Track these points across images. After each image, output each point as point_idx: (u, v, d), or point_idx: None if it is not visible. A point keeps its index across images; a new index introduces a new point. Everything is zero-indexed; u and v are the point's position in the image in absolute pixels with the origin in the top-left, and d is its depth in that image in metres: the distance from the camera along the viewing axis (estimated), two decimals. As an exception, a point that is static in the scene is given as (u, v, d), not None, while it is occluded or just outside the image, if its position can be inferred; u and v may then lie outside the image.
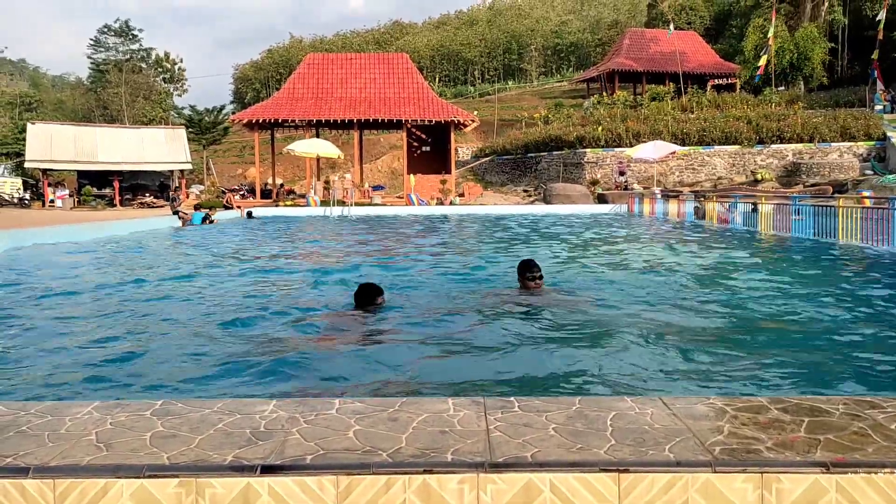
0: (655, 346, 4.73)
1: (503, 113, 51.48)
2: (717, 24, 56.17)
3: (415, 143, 36.51)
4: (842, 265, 10.12)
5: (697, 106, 36.91)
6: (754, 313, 6.03)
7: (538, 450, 1.73)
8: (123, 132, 40.42)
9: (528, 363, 4.36)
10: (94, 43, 70.78)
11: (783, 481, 1.62)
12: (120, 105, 61.78)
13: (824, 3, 42.52)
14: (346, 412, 2.05)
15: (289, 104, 33.13)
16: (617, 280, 8.37)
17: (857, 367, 4.19)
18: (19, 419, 2.02)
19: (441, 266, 10.15)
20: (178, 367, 4.34)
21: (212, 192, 38.70)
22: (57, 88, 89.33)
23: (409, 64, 35.94)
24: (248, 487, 1.65)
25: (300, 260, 11.79)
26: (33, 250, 12.91)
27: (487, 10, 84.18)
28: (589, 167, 33.23)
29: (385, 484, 1.65)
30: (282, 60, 77.75)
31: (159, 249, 13.85)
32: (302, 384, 3.94)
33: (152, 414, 2.05)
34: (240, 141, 54.81)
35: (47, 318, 6.17)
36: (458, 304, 6.61)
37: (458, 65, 75.49)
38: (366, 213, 26.86)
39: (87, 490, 1.65)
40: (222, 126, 49.16)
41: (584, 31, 74.92)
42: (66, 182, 40.11)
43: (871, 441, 1.76)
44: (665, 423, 1.92)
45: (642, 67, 45.12)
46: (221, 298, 7.25)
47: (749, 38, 41.63)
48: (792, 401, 2.09)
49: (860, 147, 31.28)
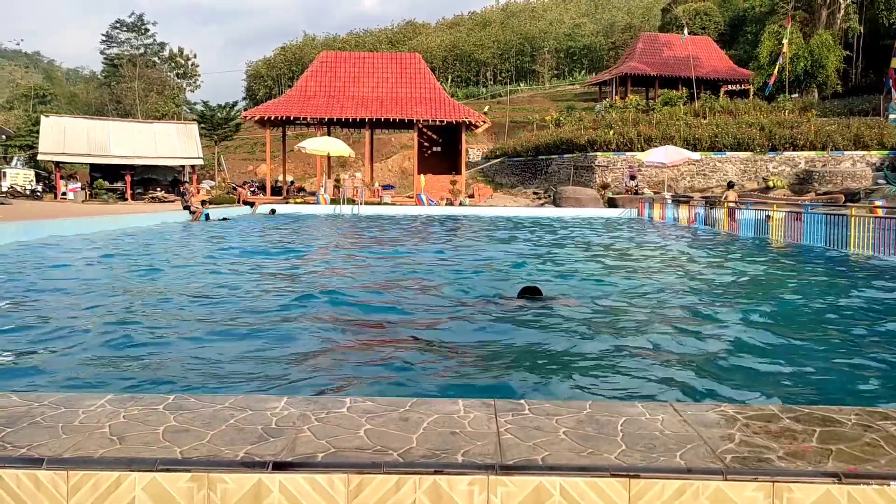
0: (665, 352, 4.72)
1: (514, 115, 51.43)
2: (732, 30, 55.90)
3: (426, 143, 36.52)
4: (852, 275, 10.05)
5: (710, 111, 36.75)
6: (764, 321, 6.01)
7: (549, 453, 1.73)
8: (136, 126, 40.61)
9: (537, 364, 4.36)
10: (107, 38, 71.20)
11: (794, 491, 1.62)
12: (133, 99, 62.12)
13: (840, 10, 42.26)
14: (356, 411, 2.05)
15: (301, 102, 33.21)
16: (626, 284, 8.34)
17: (869, 377, 4.17)
18: (33, 410, 2.04)
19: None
20: (191, 362, 4.36)
21: (222, 188, 38.84)
22: (71, 82, 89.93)
23: (422, 64, 35.95)
24: (259, 483, 1.66)
25: (316, 258, 11.81)
26: (46, 242, 12.99)
27: (501, 11, 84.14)
28: (599, 171, 33.16)
29: (395, 484, 1.65)
30: (294, 58, 77.96)
31: (171, 244, 13.91)
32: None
33: (165, 408, 2.07)
34: (251, 137, 54.98)
35: (59, 311, 6.21)
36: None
37: (470, 66, 75.46)
38: (377, 213, 26.90)
39: (101, 482, 1.66)
40: (234, 122, 49.31)
41: (597, 34, 74.78)
42: (79, 175, 40.33)
43: (884, 452, 1.75)
44: (676, 429, 1.91)
45: (655, 72, 44.99)
46: (233, 293, 7.27)
47: (763, 45, 41.42)
48: (804, 410, 2.09)
49: (873, 156, 31.08)
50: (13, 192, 34.43)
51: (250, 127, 48.49)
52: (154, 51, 72.03)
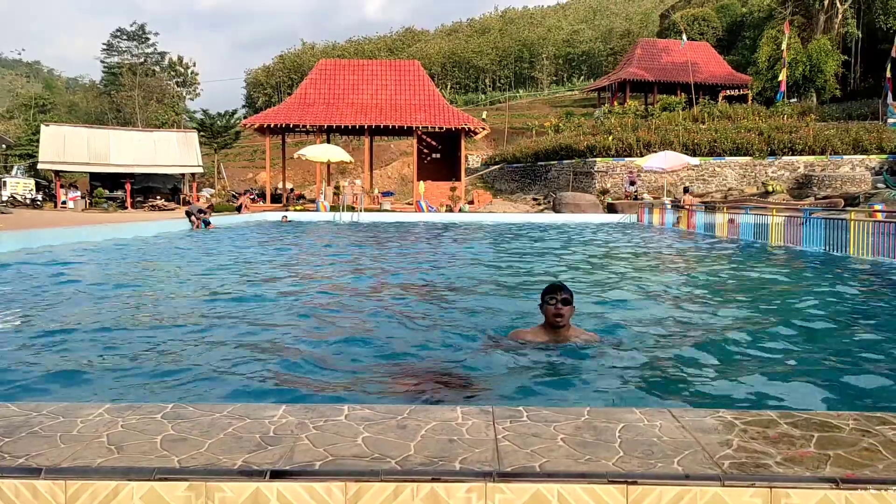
0: (663, 357, 4.71)
1: (514, 121, 51.55)
2: (730, 35, 56.07)
3: (425, 149, 36.58)
4: (852, 279, 10.05)
5: (709, 117, 36.83)
6: (762, 326, 6.00)
7: (546, 460, 1.73)
8: (136, 135, 40.71)
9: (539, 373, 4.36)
10: (107, 47, 71.42)
11: (792, 496, 1.62)
12: (133, 108, 62.25)
13: (838, 15, 42.39)
14: (354, 419, 2.06)
15: (300, 109, 33.28)
16: (625, 289, 8.34)
17: (866, 382, 4.16)
18: (31, 420, 2.04)
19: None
20: (190, 371, 4.36)
21: (222, 196, 38.88)
22: (71, 90, 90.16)
23: (421, 71, 36.04)
24: (257, 492, 1.66)
25: (321, 265, 11.82)
26: (48, 251, 13.00)
27: (499, 18, 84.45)
28: (599, 176, 33.19)
29: (393, 491, 1.65)
30: (293, 66, 78.24)
31: (173, 251, 13.91)
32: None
33: (163, 417, 2.07)
34: (251, 145, 55.10)
35: (59, 319, 6.21)
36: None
37: (469, 72, 75.68)
38: (382, 220, 26.90)
39: (98, 492, 1.67)
40: (234, 130, 49.45)
41: (595, 40, 75.03)
42: (79, 184, 40.40)
43: (882, 457, 1.75)
44: (674, 435, 1.91)
45: (654, 77, 45.09)
46: (236, 301, 7.28)
47: (762, 50, 41.57)
48: (801, 415, 2.09)
49: (872, 160, 31.13)
50: (13, 201, 34.47)
51: (250, 135, 48.63)
52: (154, 60, 72.27)
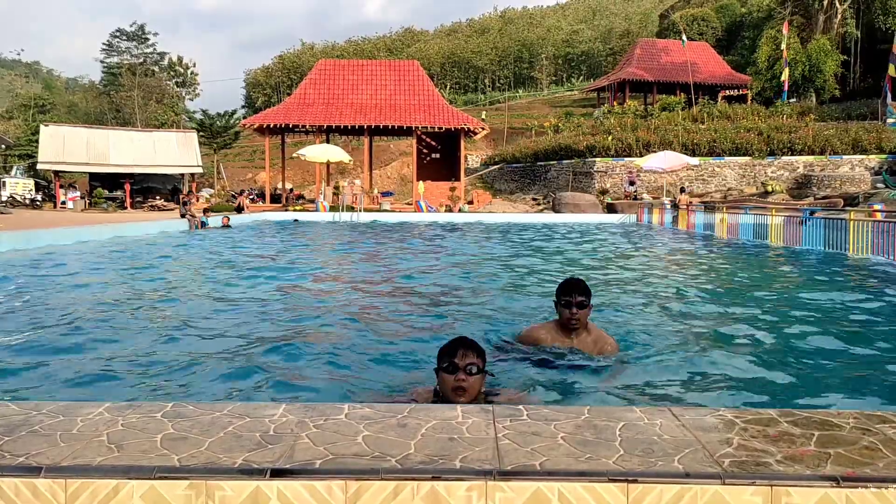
0: (664, 356, 4.71)
1: (513, 121, 51.56)
2: (729, 36, 56.12)
3: (424, 149, 36.58)
4: (851, 278, 10.05)
5: (708, 117, 36.85)
6: (760, 324, 6.00)
7: (547, 458, 1.73)
8: (135, 135, 40.71)
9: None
10: (107, 47, 71.42)
11: (793, 495, 1.62)
12: (132, 108, 62.25)
13: (837, 15, 42.41)
14: (354, 417, 2.05)
15: (299, 109, 33.28)
16: (624, 289, 8.35)
17: (866, 380, 4.16)
18: (31, 419, 2.04)
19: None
20: (190, 370, 4.36)
21: (222, 196, 38.87)
22: (70, 91, 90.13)
23: (420, 71, 36.05)
24: (257, 490, 1.65)
25: (325, 266, 11.82)
26: (47, 251, 12.99)
27: (499, 18, 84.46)
28: (598, 176, 33.20)
29: (393, 490, 1.65)
30: (293, 66, 78.25)
31: (172, 252, 13.91)
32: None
33: (163, 416, 2.06)
34: (250, 145, 55.11)
35: (59, 319, 6.20)
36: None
37: (468, 72, 75.70)
38: (381, 220, 26.90)
39: (99, 490, 1.66)
40: (233, 130, 49.44)
41: (595, 40, 75.04)
42: (78, 184, 40.37)
43: (882, 456, 1.75)
44: (674, 433, 1.91)
45: (653, 77, 45.11)
46: (234, 302, 7.28)
47: (761, 50, 41.59)
48: (802, 414, 2.08)
49: (872, 160, 31.14)
50: (13, 201, 34.47)
51: (249, 135, 48.62)
52: (154, 60, 72.29)
